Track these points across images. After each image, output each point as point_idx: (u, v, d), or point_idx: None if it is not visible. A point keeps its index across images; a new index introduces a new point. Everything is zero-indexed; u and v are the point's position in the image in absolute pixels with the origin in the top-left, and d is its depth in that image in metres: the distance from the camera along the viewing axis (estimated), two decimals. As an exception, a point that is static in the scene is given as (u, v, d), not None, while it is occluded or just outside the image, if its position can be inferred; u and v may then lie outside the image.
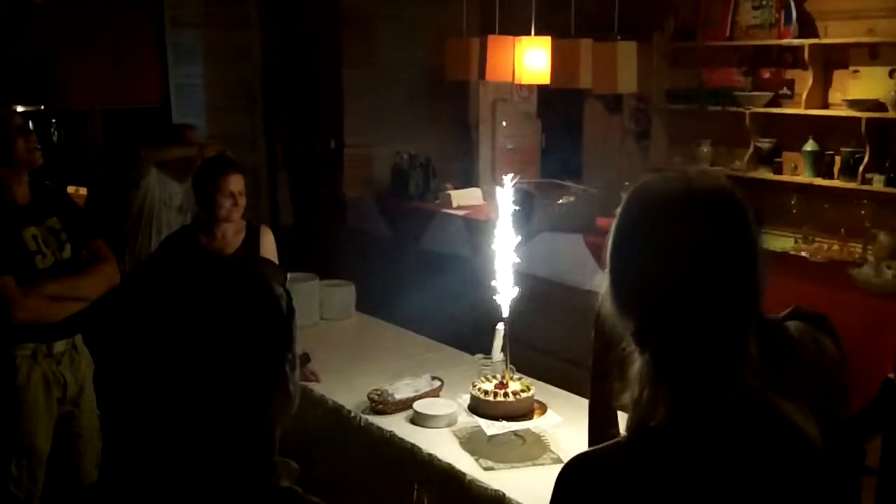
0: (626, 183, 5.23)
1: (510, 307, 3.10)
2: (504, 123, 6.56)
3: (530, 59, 4.83)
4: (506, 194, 3.04)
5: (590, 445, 2.42)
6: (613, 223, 1.36)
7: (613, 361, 1.37)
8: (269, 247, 4.02)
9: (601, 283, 1.37)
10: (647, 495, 1.27)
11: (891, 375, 3.31)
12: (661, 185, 1.33)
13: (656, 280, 1.28)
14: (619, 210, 1.36)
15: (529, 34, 4.86)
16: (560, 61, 4.77)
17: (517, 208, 3.06)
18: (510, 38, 4.95)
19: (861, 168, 5.11)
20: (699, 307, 1.26)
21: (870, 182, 5.08)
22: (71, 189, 5.47)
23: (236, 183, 3.84)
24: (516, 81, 5.03)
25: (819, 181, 5.35)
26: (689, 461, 1.27)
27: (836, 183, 5.28)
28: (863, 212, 4.77)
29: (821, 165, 5.41)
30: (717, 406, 1.28)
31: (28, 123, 3.37)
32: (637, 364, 1.31)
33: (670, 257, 1.27)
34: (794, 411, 1.34)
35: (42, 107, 5.83)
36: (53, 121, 6.14)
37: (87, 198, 5.52)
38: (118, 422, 3.83)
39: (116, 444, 3.76)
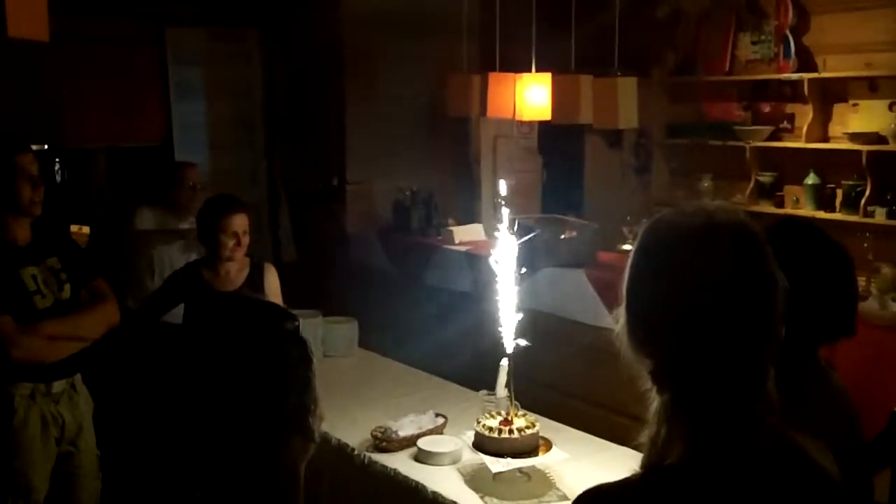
0: (628, 217, 5.27)
1: (513, 343, 3.09)
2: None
3: (531, 96, 4.85)
4: (506, 230, 3.04)
5: None
6: (630, 258, 1.34)
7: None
8: (272, 284, 4.01)
9: (617, 319, 1.35)
10: None
11: (898, 409, 3.29)
12: (681, 219, 1.31)
13: (678, 315, 1.26)
14: (635, 245, 1.34)
15: (530, 70, 4.88)
16: (560, 97, 4.79)
17: (520, 240, 3.06)
18: (511, 74, 4.98)
19: (863, 201, 5.12)
20: (720, 343, 1.25)
21: (872, 215, 5.08)
22: (74, 228, 5.48)
23: (240, 222, 3.84)
24: (517, 118, 5.05)
25: (821, 214, 5.35)
26: (704, 500, 1.25)
27: (837, 216, 5.28)
28: (865, 245, 4.75)
29: (822, 198, 5.42)
30: (735, 444, 1.26)
31: (39, 173, 3.36)
32: (656, 402, 1.30)
33: (693, 291, 1.25)
34: (814, 449, 1.32)
35: (45, 146, 5.86)
36: (57, 160, 6.16)
37: (90, 237, 5.52)
38: (119, 461, 3.80)
39: (115, 484, 3.74)
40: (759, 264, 1.27)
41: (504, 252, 3.06)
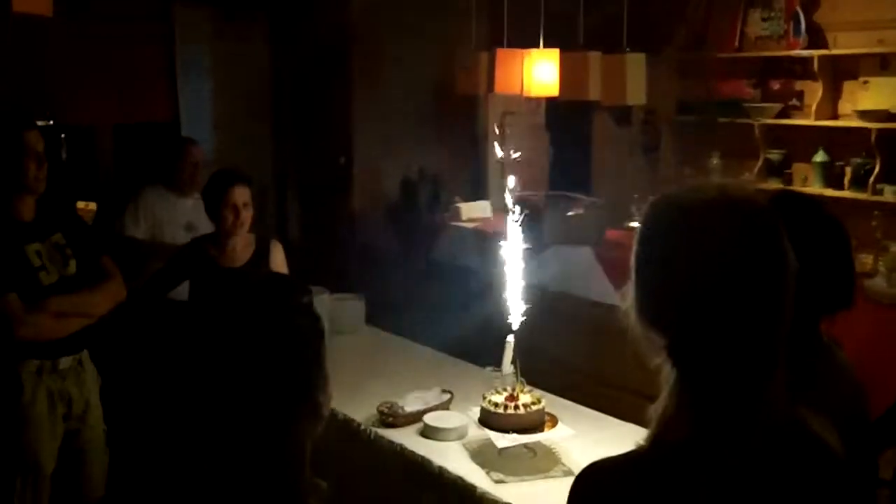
0: (636, 195, 5.26)
1: (520, 319, 3.09)
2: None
3: (539, 72, 4.82)
4: (512, 202, 3.05)
5: None
6: (638, 234, 1.33)
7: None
8: (278, 261, 4.01)
9: (625, 296, 1.34)
10: None
11: (905, 386, 3.28)
12: (692, 194, 1.29)
13: (690, 289, 1.25)
14: (644, 220, 1.33)
15: (538, 47, 4.85)
16: (569, 73, 4.76)
17: (525, 214, 3.07)
18: (519, 50, 4.95)
19: (871, 179, 5.09)
20: (729, 320, 1.23)
21: (881, 193, 5.05)
22: (80, 204, 5.48)
23: (241, 194, 3.83)
24: (525, 94, 5.03)
25: (829, 192, 5.32)
26: (708, 475, 1.24)
27: (846, 194, 5.25)
28: (874, 223, 4.73)
29: (831, 176, 5.39)
30: (742, 421, 1.25)
31: (43, 150, 3.35)
32: (669, 377, 1.29)
33: (706, 266, 1.24)
34: (819, 426, 1.31)
35: (51, 122, 5.86)
36: (63, 135, 6.16)
37: (97, 213, 5.52)
38: (128, 437, 3.82)
39: (124, 459, 3.75)
40: (770, 241, 1.26)
41: (509, 229, 3.06)
